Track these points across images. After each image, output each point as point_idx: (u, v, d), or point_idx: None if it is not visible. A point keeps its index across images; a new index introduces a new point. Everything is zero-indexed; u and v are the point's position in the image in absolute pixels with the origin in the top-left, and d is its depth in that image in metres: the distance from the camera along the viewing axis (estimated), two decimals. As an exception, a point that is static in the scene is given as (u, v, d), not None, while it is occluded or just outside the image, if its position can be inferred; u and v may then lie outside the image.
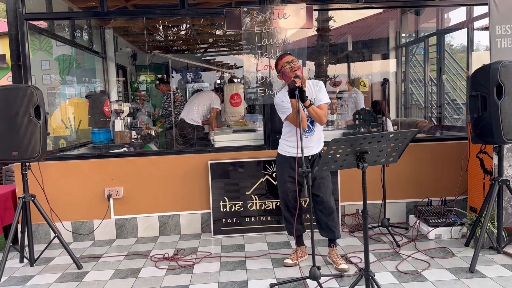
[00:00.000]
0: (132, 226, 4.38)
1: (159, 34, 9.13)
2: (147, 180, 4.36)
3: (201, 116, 6.17)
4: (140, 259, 3.76)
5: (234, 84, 6.62)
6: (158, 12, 4.40)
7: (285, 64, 3.24)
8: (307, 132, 3.30)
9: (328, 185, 3.34)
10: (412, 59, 8.01)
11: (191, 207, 4.40)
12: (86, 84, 8.12)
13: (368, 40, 9.02)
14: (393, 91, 7.89)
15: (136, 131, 6.35)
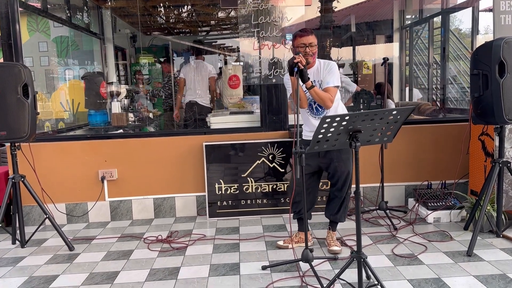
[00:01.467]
0: (127, 208, 4.33)
1: (159, 15, 8.99)
2: (141, 162, 4.30)
3: (208, 94, 6.17)
4: (133, 241, 3.71)
5: (233, 65, 6.50)
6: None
7: (302, 45, 3.04)
8: (316, 114, 3.17)
9: (344, 169, 3.17)
10: (418, 42, 7.83)
11: (187, 189, 4.34)
12: (84, 66, 8.03)
13: (372, 22, 8.82)
14: (397, 74, 7.73)
15: (134, 113, 6.27)
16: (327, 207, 3.35)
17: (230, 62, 8.57)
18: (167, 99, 7.24)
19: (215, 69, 6.35)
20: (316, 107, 3.15)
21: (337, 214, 3.29)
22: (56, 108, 6.72)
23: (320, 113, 3.15)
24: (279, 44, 4.26)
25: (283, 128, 4.35)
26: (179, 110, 6.27)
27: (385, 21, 8.36)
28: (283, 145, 4.21)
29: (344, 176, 3.17)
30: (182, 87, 6.16)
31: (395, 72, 7.68)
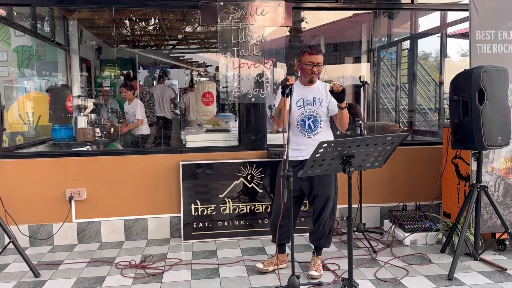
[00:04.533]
0: (95, 230, 4.10)
1: (126, 28, 8.79)
2: (112, 181, 4.09)
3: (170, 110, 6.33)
4: (104, 266, 3.50)
5: (207, 82, 6.42)
6: (128, 2, 4.13)
7: (310, 63, 3.03)
8: (307, 131, 3.12)
9: (324, 193, 3.13)
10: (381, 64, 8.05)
11: (160, 210, 4.16)
12: (47, 77, 7.67)
13: (341, 43, 9.01)
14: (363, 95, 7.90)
15: (100, 128, 6.03)
16: (311, 233, 3.30)
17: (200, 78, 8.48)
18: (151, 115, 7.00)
19: (174, 91, 7.48)
20: (309, 123, 3.09)
21: (320, 240, 3.25)
22: (13, 120, 6.35)
23: (312, 130, 3.10)
24: (258, 63, 4.23)
25: (262, 148, 4.29)
26: (150, 127, 6.21)
27: (354, 43, 8.56)
28: (262, 165, 4.14)
29: (323, 201, 3.13)
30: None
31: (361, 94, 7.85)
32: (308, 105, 3.07)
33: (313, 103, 3.07)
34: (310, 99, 3.08)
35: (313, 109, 3.07)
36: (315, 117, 3.08)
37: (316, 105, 3.07)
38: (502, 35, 3.50)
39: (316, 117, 3.08)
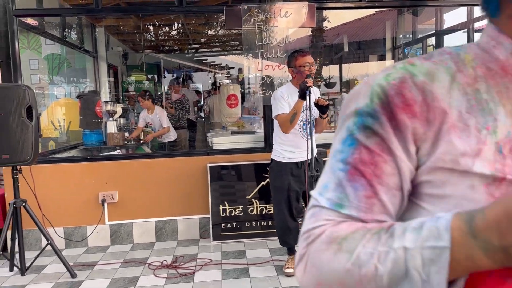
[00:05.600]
0: (127, 232, 4.21)
1: (151, 33, 8.97)
2: (143, 184, 4.19)
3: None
4: (137, 267, 3.59)
5: (232, 85, 6.48)
6: (154, 9, 4.23)
7: (306, 64, 3.10)
8: (308, 135, 3.16)
9: None
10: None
11: (189, 211, 4.24)
12: (76, 84, 7.91)
13: (364, 41, 8.96)
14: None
15: (128, 132, 6.17)
16: None
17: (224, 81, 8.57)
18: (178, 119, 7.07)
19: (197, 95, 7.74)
20: (309, 127, 3.12)
21: None
22: (46, 127, 6.57)
23: (310, 132, 3.13)
24: (283, 64, 4.26)
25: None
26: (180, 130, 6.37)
27: (378, 41, 8.50)
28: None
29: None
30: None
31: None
32: (307, 109, 3.08)
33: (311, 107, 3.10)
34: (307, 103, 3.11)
35: (312, 112, 3.10)
36: (313, 120, 3.11)
37: (314, 108, 3.07)
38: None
39: (313, 120, 3.10)
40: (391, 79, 0.60)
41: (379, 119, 0.60)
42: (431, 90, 0.59)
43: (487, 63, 0.62)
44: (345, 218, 0.59)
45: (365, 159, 0.60)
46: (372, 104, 0.60)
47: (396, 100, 0.59)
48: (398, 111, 0.59)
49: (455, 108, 0.59)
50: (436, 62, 0.62)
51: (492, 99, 0.60)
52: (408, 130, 0.59)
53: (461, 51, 0.65)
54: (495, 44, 0.62)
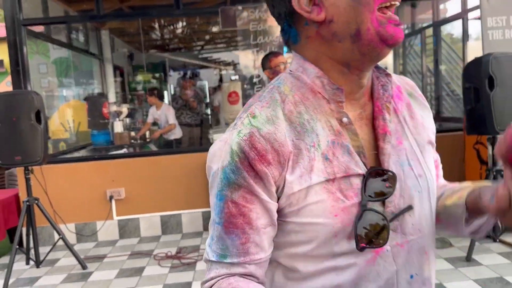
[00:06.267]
0: (135, 226, 4.45)
1: (155, 33, 9.17)
2: (148, 180, 4.42)
3: None
4: (144, 258, 3.83)
5: (232, 82, 6.67)
6: (153, 13, 4.44)
7: (281, 63, 3.28)
8: None
9: None
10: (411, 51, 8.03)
11: (193, 205, 4.46)
12: (84, 86, 8.16)
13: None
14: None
15: (135, 131, 6.41)
16: None
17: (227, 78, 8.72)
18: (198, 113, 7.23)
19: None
20: None
21: None
22: (56, 128, 6.84)
23: None
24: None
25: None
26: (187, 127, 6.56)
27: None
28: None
29: None
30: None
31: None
32: None
33: None
34: None
35: None
36: None
37: None
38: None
39: None
40: (242, 135, 0.72)
41: (241, 173, 0.71)
42: (275, 138, 0.72)
43: (300, 88, 0.77)
44: (229, 266, 0.74)
45: (234, 212, 0.72)
46: (233, 161, 0.71)
47: (252, 154, 0.71)
48: (255, 163, 0.71)
49: (289, 138, 0.73)
50: (269, 103, 0.76)
51: (311, 117, 0.75)
52: (267, 176, 0.71)
53: (281, 84, 0.79)
54: (302, 70, 0.77)
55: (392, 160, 0.77)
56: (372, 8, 0.71)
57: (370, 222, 0.73)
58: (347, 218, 0.73)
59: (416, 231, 0.78)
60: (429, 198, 0.81)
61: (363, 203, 0.73)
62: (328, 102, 0.75)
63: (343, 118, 0.75)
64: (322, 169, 0.73)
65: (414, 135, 0.82)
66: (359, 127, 0.78)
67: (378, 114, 0.78)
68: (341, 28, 0.73)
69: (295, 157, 0.73)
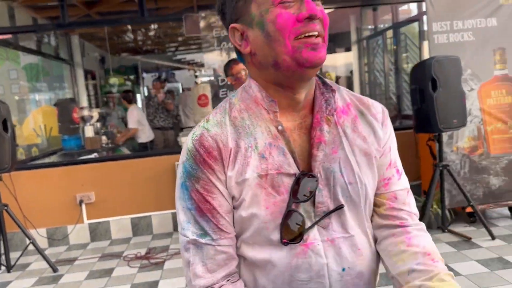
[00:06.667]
0: (105, 229, 4.56)
1: (127, 36, 9.22)
2: (117, 183, 4.53)
3: None
4: (114, 260, 3.95)
5: (201, 85, 6.81)
6: (118, 20, 4.55)
7: (242, 70, 3.44)
8: None
9: None
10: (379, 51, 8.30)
11: (162, 207, 4.59)
12: (55, 91, 8.16)
13: (331, 34, 9.30)
14: (357, 83, 8.21)
15: (107, 135, 6.49)
16: None
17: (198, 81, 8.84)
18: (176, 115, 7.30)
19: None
20: None
21: None
22: (29, 133, 6.85)
23: None
24: (241, 66, 4.59)
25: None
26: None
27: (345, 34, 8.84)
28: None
29: None
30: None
31: (355, 82, 8.16)
32: None
33: None
34: None
35: None
36: None
37: None
38: (457, 24, 3.79)
39: None
40: (195, 136, 0.89)
41: (198, 167, 0.87)
42: (220, 139, 0.88)
43: (246, 100, 0.93)
44: (207, 242, 0.88)
45: (200, 199, 0.87)
46: (189, 158, 0.88)
47: (201, 150, 0.87)
48: (205, 158, 0.86)
49: (232, 139, 0.89)
50: (221, 110, 0.93)
51: (252, 123, 0.90)
52: (215, 170, 0.86)
53: (234, 96, 0.96)
54: (249, 85, 0.94)
55: (323, 166, 0.89)
56: (284, 42, 0.83)
57: (296, 221, 0.87)
58: (277, 211, 0.86)
59: (345, 231, 0.90)
60: (360, 204, 0.92)
61: (289, 204, 0.86)
62: (268, 112, 0.90)
63: (279, 126, 0.89)
64: (257, 166, 0.87)
65: (352, 146, 0.92)
66: (298, 135, 0.90)
67: (316, 125, 0.90)
68: (263, 59, 0.88)
69: (235, 153, 0.87)
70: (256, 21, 0.86)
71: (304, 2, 0.84)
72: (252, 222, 0.87)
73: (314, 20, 0.84)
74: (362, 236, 0.93)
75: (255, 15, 0.86)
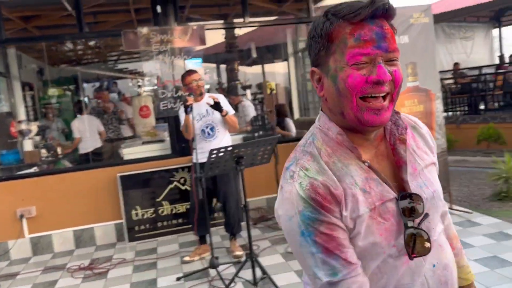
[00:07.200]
0: (48, 243, 4.57)
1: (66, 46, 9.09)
2: (59, 196, 4.57)
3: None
4: (57, 272, 4.00)
5: (143, 96, 6.93)
6: (57, 37, 4.60)
7: (193, 81, 3.69)
8: (207, 137, 3.76)
9: (226, 189, 3.79)
10: (310, 62, 8.78)
11: (105, 218, 4.68)
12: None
13: (270, 46, 9.70)
14: (295, 92, 8.64)
15: (47, 148, 6.43)
16: (224, 224, 3.97)
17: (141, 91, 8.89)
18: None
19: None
20: (208, 131, 3.75)
21: (232, 228, 3.90)
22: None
23: (211, 136, 3.76)
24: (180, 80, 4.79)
25: (192, 153, 4.87)
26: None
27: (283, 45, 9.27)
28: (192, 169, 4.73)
29: (226, 195, 3.82)
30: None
31: (293, 91, 8.60)
32: (204, 117, 3.72)
33: (207, 114, 3.72)
34: (204, 112, 3.73)
35: (208, 119, 3.73)
36: (211, 125, 3.73)
37: (210, 115, 3.71)
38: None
39: (212, 125, 3.73)
40: (305, 185, 0.91)
41: (319, 211, 0.89)
42: (330, 184, 0.91)
43: (328, 142, 0.98)
44: (341, 278, 0.90)
45: (326, 240, 0.89)
46: (308, 205, 0.90)
47: (318, 197, 0.90)
48: (323, 203, 0.90)
49: (338, 182, 0.93)
50: (312, 157, 0.96)
51: (343, 164, 0.95)
52: (334, 211, 0.90)
53: (314, 139, 1.00)
54: (328, 127, 0.99)
55: (413, 184, 0.98)
56: (350, 99, 0.91)
57: (408, 234, 0.94)
58: (389, 235, 0.94)
59: (432, 232, 0.99)
60: (440, 204, 1.05)
61: (404, 222, 0.93)
62: (351, 151, 0.96)
63: (365, 163, 0.96)
64: (363, 201, 0.93)
65: (422, 160, 1.03)
66: (377, 163, 0.98)
67: (393, 151, 1.00)
68: (332, 107, 0.97)
69: (345, 195, 0.92)
70: (331, 74, 0.94)
71: (377, 67, 0.90)
72: (369, 250, 0.94)
73: (384, 83, 0.91)
74: (441, 234, 1.05)
75: (331, 68, 0.94)
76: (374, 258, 0.94)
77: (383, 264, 0.95)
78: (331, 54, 0.93)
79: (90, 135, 6.39)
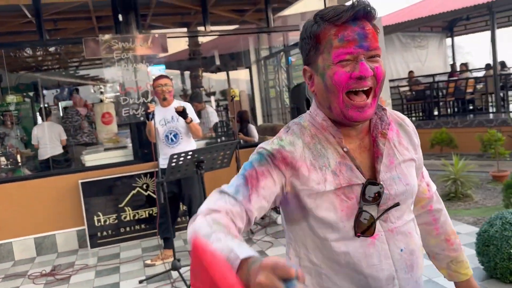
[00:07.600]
0: (7, 250, 4.52)
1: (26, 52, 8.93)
2: (19, 204, 4.53)
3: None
4: (18, 279, 3.98)
5: (105, 103, 6.93)
6: (17, 44, 4.59)
7: (159, 85, 3.81)
8: (170, 144, 3.87)
9: (190, 193, 3.89)
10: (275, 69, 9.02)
11: (66, 225, 4.67)
12: None
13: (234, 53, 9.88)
14: (258, 98, 8.84)
15: (6, 156, 6.31)
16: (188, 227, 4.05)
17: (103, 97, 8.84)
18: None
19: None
20: (171, 137, 3.86)
21: None
22: None
23: (174, 142, 3.87)
24: (143, 86, 4.88)
25: (154, 159, 4.94)
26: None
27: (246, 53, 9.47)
28: (154, 174, 4.81)
29: (190, 198, 3.93)
30: None
31: (256, 96, 8.79)
32: (168, 123, 3.83)
33: (172, 121, 3.83)
34: (169, 118, 3.84)
35: (172, 125, 3.84)
36: (175, 132, 3.84)
37: (175, 122, 3.83)
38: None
39: (176, 132, 3.84)
40: (274, 145, 1.07)
41: (267, 159, 1.05)
42: (293, 156, 1.05)
43: (315, 125, 1.11)
44: (235, 199, 0.99)
45: (253, 175, 1.03)
46: (267, 152, 1.06)
47: (278, 156, 1.05)
48: (277, 158, 1.05)
49: (308, 159, 1.07)
50: (292, 134, 1.09)
51: (323, 146, 1.08)
52: (283, 169, 1.05)
53: (302, 120, 1.13)
54: (316, 113, 1.11)
55: (386, 176, 1.09)
56: (337, 95, 1.03)
57: (365, 218, 1.07)
58: (350, 212, 1.06)
59: (400, 221, 1.12)
60: (411, 200, 1.16)
61: (360, 206, 1.06)
62: (334, 137, 1.08)
63: (344, 148, 1.08)
64: (332, 181, 1.06)
65: (402, 155, 1.14)
66: (359, 153, 1.10)
67: (373, 143, 1.11)
68: (321, 101, 1.09)
69: (311, 170, 1.05)
70: (319, 71, 1.06)
71: (359, 64, 1.01)
72: (331, 220, 1.07)
73: (366, 78, 1.02)
74: (411, 222, 1.15)
75: (319, 66, 1.05)
76: (334, 229, 1.06)
77: (351, 244, 1.07)
78: (319, 53, 1.05)
79: (50, 142, 6.31)
